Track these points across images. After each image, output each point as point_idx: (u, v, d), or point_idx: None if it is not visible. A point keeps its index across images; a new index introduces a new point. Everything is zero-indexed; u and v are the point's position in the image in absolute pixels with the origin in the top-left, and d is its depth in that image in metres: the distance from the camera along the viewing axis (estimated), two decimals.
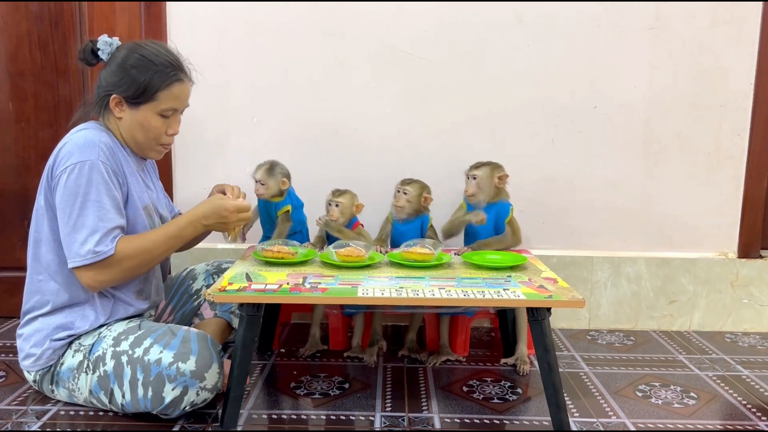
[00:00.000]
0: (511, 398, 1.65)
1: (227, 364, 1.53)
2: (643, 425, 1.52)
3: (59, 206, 1.45)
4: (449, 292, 1.42)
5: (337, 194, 1.83)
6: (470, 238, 1.87)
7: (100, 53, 1.55)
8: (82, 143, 1.46)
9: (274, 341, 1.97)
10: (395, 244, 1.84)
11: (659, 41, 2.10)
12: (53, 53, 2.11)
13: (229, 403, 1.42)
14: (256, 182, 1.81)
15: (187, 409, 1.43)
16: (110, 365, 1.44)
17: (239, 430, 1.46)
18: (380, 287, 1.45)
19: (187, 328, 1.49)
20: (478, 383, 1.74)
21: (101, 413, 1.52)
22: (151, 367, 1.40)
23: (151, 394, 1.41)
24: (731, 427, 1.52)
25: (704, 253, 2.21)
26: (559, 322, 2.22)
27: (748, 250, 2.20)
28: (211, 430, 1.46)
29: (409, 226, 1.85)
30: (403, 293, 1.41)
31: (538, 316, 1.42)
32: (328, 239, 1.85)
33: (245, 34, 2.11)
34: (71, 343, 1.52)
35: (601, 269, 2.20)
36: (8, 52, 2.10)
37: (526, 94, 2.13)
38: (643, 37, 2.10)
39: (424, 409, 1.58)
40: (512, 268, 1.65)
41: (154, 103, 1.52)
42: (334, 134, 2.15)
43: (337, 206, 1.81)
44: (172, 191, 2.17)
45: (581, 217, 2.20)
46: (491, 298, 1.40)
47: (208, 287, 1.79)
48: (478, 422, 1.52)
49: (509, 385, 1.74)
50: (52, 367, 1.53)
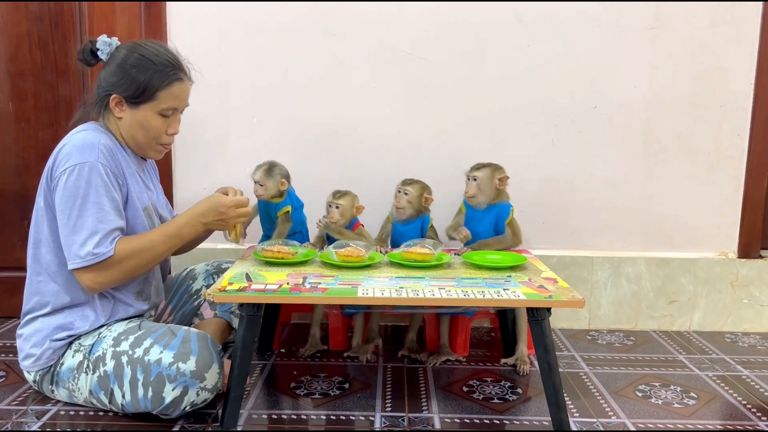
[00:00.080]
0: (511, 398, 1.65)
1: (227, 364, 1.53)
2: (643, 425, 1.52)
3: (58, 208, 1.45)
4: (449, 292, 1.42)
5: (337, 196, 1.82)
6: (471, 235, 1.87)
7: (99, 53, 1.55)
8: (81, 145, 1.45)
9: (274, 341, 1.97)
10: (395, 244, 1.84)
11: (659, 41, 2.10)
12: (53, 53, 2.11)
13: (229, 403, 1.42)
14: (255, 183, 1.81)
15: (187, 409, 1.43)
16: (110, 365, 1.44)
17: (239, 430, 1.46)
18: (380, 287, 1.45)
19: (187, 328, 1.49)
20: (478, 383, 1.74)
21: (101, 413, 1.52)
22: (151, 367, 1.40)
23: (151, 394, 1.41)
24: (731, 427, 1.52)
25: (704, 253, 2.21)
26: (559, 322, 2.22)
27: (748, 250, 2.20)
28: (211, 430, 1.46)
29: (409, 226, 1.85)
30: (403, 293, 1.41)
31: (538, 316, 1.42)
32: (328, 239, 1.85)
33: (245, 34, 2.11)
34: (71, 343, 1.52)
35: (601, 269, 2.20)
36: (8, 52, 2.10)
37: (526, 94, 2.13)
38: (643, 37, 2.10)
39: (424, 409, 1.58)
40: (512, 268, 1.65)
41: (154, 102, 1.52)
42: (334, 134, 2.15)
43: (337, 208, 1.81)
44: (172, 191, 2.17)
45: (581, 217, 2.20)
46: (491, 298, 1.40)
47: (208, 287, 1.79)
48: (478, 422, 1.52)
49: (509, 385, 1.74)
50: (52, 367, 1.53)
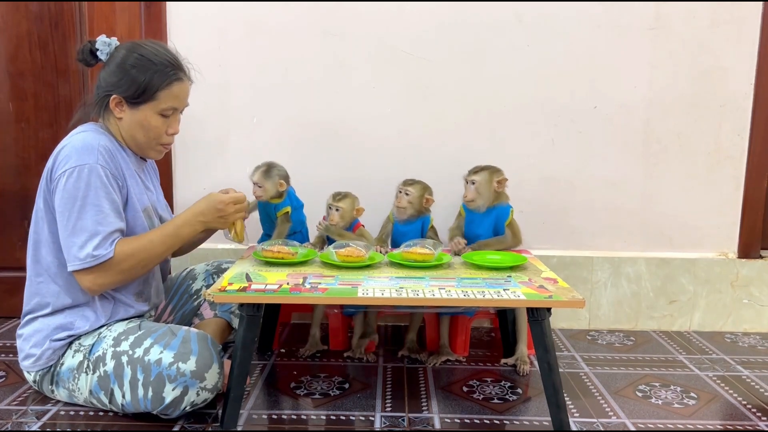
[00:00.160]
0: (511, 398, 1.65)
1: (227, 364, 1.53)
2: (643, 425, 1.52)
3: (58, 210, 1.45)
4: (449, 292, 1.42)
5: (337, 198, 1.82)
6: (471, 239, 1.87)
7: (98, 53, 1.55)
8: (80, 146, 1.45)
9: (274, 341, 1.97)
10: (396, 244, 1.83)
11: (659, 41, 2.10)
12: (53, 53, 2.11)
13: (229, 403, 1.42)
14: (253, 185, 1.81)
15: (187, 409, 1.43)
16: (110, 365, 1.44)
17: (239, 430, 1.46)
18: (380, 287, 1.45)
19: (187, 328, 1.49)
20: (478, 383, 1.74)
21: (101, 413, 1.52)
22: (151, 367, 1.40)
23: (151, 394, 1.41)
24: (731, 427, 1.52)
25: (704, 253, 2.21)
26: (559, 322, 2.22)
27: (748, 250, 2.20)
28: (211, 430, 1.46)
29: (410, 226, 1.85)
30: (403, 293, 1.41)
31: (538, 316, 1.42)
32: (327, 240, 1.85)
33: (245, 34, 2.11)
34: (71, 343, 1.52)
35: (601, 269, 2.20)
36: (8, 52, 2.10)
37: (526, 94, 2.13)
38: (643, 37, 2.10)
39: (424, 409, 1.58)
40: (512, 268, 1.65)
41: (154, 102, 1.52)
42: (334, 134, 2.15)
43: (337, 210, 1.81)
44: (172, 191, 2.17)
45: (581, 217, 2.20)
46: (491, 298, 1.40)
47: (208, 287, 1.79)
48: (478, 422, 1.52)
49: (509, 385, 1.74)
50: (52, 367, 1.53)
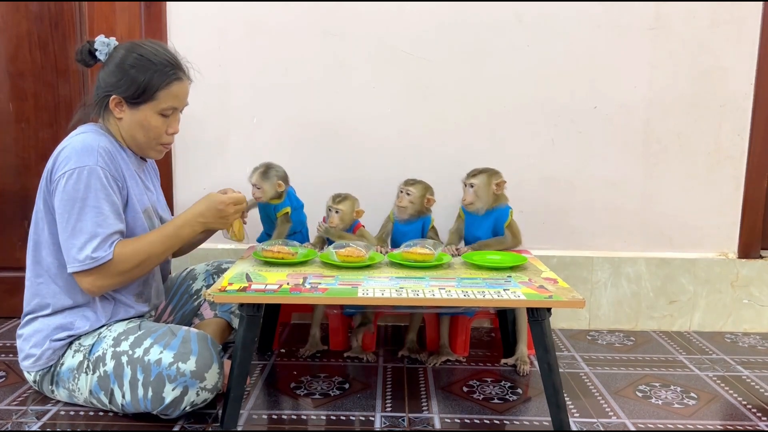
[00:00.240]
0: (511, 398, 1.65)
1: (227, 364, 1.53)
2: (643, 425, 1.51)
3: (58, 211, 1.45)
4: (449, 292, 1.42)
5: (337, 201, 1.81)
6: (470, 242, 1.87)
7: (97, 54, 1.54)
8: (80, 148, 1.45)
9: (274, 341, 1.97)
10: (396, 244, 1.83)
11: (659, 41, 2.10)
12: (53, 53, 2.11)
13: (229, 403, 1.42)
14: (252, 186, 1.81)
15: (187, 409, 1.43)
16: (110, 365, 1.44)
17: (239, 430, 1.46)
18: (380, 287, 1.45)
19: (187, 328, 1.49)
20: (478, 383, 1.74)
21: (101, 413, 1.52)
22: (151, 367, 1.40)
23: (151, 394, 1.40)
24: (731, 427, 1.52)
25: (704, 253, 2.21)
26: (559, 322, 2.22)
27: (748, 250, 2.20)
28: (211, 430, 1.46)
29: (410, 226, 1.85)
30: (403, 293, 1.41)
31: (538, 316, 1.42)
32: (327, 240, 1.85)
33: (245, 34, 2.11)
34: (71, 343, 1.52)
35: (601, 269, 2.20)
36: (8, 52, 2.10)
37: (526, 94, 2.13)
38: (643, 37, 2.10)
39: (424, 409, 1.58)
40: (512, 268, 1.65)
41: (154, 102, 1.52)
42: (334, 134, 2.15)
43: (337, 213, 1.80)
44: (171, 192, 2.17)
45: (581, 217, 2.20)
46: (491, 298, 1.40)
47: (208, 287, 1.79)
48: (478, 422, 1.52)
49: (509, 385, 1.74)
50: (52, 367, 1.53)
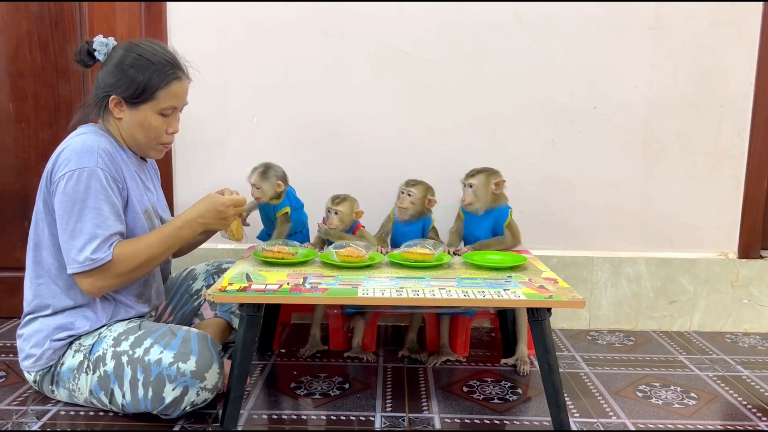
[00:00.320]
0: (511, 398, 1.65)
1: (227, 364, 1.53)
2: (643, 425, 1.51)
3: (58, 212, 1.45)
4: (449, 292, 1.42)
5: (336, 202, 1.81)
6: (470, 242, 1.87)
7: (96, 54, 1.54)
8: (80, 149, 1.45)
9: (274, 341, 1.97)
10: (397, 244, 1.83)
11: (659, 41, 2.10)
12: (53, 53, 2.11)
13: (229, 403, 1.42)
14: (251, 186, 1.81)
15: (187, 409, 1.43)
16: (110, 365, 1.44)
17: (239, 430, 1.46)
18: (380, 287, 1.45)
19: (187, 328, 1.49)
20: (478, 383, 1.74)
21: (101, 413, 1.52)
22: (151, 367, 1.40)
23: (151, 394, 1.41)
24: (731, 427, 1.52)
25: (704, 253, 2.21)
26: (559, 322, 2.22)
27: (748, 250, 2.20)
28: (211, 430, 1.46)
29: (411, 227, 1.85)
30: (403, 293, 1.41)
31: (538, 316, 1.42)
32: (327, 240, 1.85)
33: (245, 34, 2.11)
34: (71, 343, 1.52)
35: (601, 269, 2.20)
36: (8, 52, 2.10)
37: (526, 94, 2.13)
38: (643, 37, 2.10)
39: (424, 409, 1.58)
40: (512, 268, 1.65)
41: (153, 102, 1.52)
42: (334, 134, 2.15)
43: (336, 214, 1.80)
44: (172, 192, 2.17)
45: (581, 217, 2.20)
46: (491, 298, 1.40)
47: (208, 287, 1.79)
48: (478, 422, 1.52)
49: (509, 385, 1.74)
50: (52, 367, 1.53)
